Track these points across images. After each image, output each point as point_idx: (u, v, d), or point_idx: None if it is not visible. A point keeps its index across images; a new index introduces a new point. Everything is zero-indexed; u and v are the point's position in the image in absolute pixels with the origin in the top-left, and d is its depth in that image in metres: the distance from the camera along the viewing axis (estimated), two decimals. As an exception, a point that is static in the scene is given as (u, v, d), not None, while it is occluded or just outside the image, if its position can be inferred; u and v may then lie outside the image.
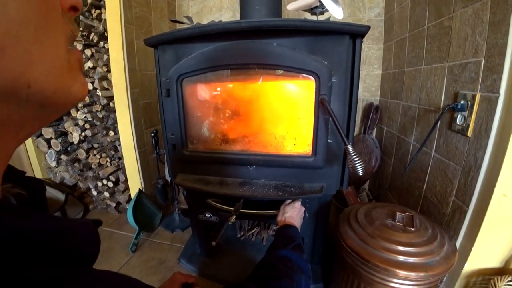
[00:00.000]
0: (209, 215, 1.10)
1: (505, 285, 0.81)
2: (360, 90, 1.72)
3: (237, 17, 1.77)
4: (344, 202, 1.50)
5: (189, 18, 0.96)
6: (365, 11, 1.64)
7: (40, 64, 0.20)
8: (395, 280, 0.73)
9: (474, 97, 0.83)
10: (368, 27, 0.78)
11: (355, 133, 1.77)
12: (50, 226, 0.21)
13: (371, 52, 1.68)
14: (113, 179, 1.64)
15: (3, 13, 0.17)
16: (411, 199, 1.23)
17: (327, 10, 1.00)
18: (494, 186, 0.76)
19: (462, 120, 0.88)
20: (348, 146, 0.71)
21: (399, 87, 1.40)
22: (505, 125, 0.73)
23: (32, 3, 0.18)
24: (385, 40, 1.63)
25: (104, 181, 1.65)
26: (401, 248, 0.74)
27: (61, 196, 1.58)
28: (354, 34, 0.79)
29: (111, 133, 1.66)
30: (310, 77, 0.80)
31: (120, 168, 1.69)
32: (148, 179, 1.66)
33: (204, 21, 1.82)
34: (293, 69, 0.79)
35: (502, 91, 0.74)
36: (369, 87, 1.72)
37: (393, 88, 1.49)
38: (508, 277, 0.81)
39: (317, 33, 0.78)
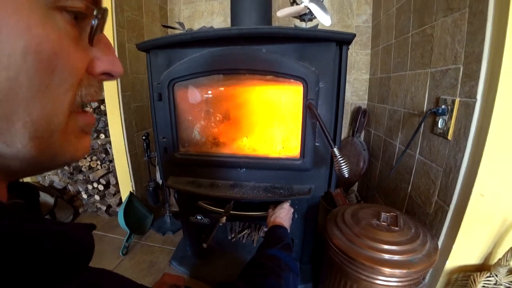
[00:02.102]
0: (200, 217, 1.11)
1: (484, 280, 0.85)
2: (348, 94, 1.77)
3: (228, 21, 1.80)
4: (334, 203, 1.53)
5: (181, 24, 0.98)
6: (353, 18, 1.69)
7: (22, 129, 0.20)
8: (380, 277, 0.77)
9: (453, 102, 0.87)
10: (354, 35, 0.81)
11: (344, 136, 1.82)
12: (46, 230, 0.21)
13: (359, 57, 1.73)
14: (104, 182, 1.63)
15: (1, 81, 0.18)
16: (397, 199, 1.27)
17: (315, 17, 1.03)
18: (472, 186, 0.80)
19: (443, 124, 0.93)
20: (334, 149, 0.74)
21: (386, 91, 1.45)
22: (482, 128, 0.77)
23: (30, 67, 0.19)
24: (372, 46, 1.68)
25: (95, 184, 1.64)
26: (385, 246, 0.78)
27: (50, 200, 1.57)
28: (341, 41, 0.82)
29: (102, 136, 1.65)
30: (298, 82, 0.83)
31: (111, 171, 1.68)
32: (139, 182, 1.66)
33: (196, 25, 1.84)
34: (281, 75, 0.81)
35: (479, 96, 0.78)
36: (357, 91, 1.77)
37: (380, 92, 1.54)
38: (486, 273, 0.85)
39: (305, 40, 0.81)
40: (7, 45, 0.18)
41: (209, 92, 0.97)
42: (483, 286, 0.86)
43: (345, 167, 0.72)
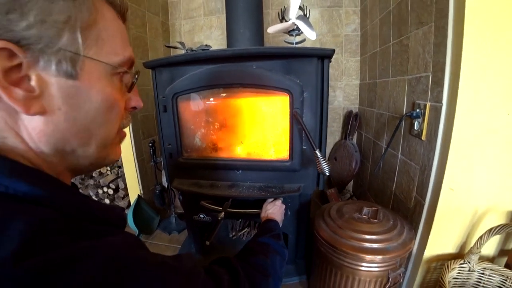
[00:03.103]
0: (202, 216, 1.22)
1: (458, 267, 0.94)
2: (340, 99, 1.89)
3: (225, 35, 1.92)
4: (328, 202, 1.63)
5: (182, 44, 1.10)
6: (342, 27, 1.81)
7: (95, 143, 0.34)
8: (361, 263, 0.87)
9: (425, 106, 0.98)
10: (333, 51, 0.93)
11: (337, 139, 1.92)
12: (98, 204, 0.34)
13: (350, 64, 1.84)
14: (113, 187, 1.76)
15: (87, 117, 0.32)
16: (384, 197, 1.37)
17: (302, 32, 1.15)
18: (442, 181, 0.90)
19: (418, 126, 1.03)
20: (316, 151, 0.85)
21: (373, 96, 1.56)
22: (447, 129, 0.87)
23: (107, 113, 0.34)
24: (361, 53, 1.79)
25: (105, 189, 1.76)
26: (365, 236, 0.88)
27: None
28: (322, 56, 0.94)
29: (111, 144, 1.78)
30: (285, 93, 0.94)
31: (120, 176, 1.81)
32: (146, 186, 1.78)
33: (196, 39, 1.98)
34: (269, 87, 0.93)
35: (444, 101, 0.88)
36: (349, 96, 1.87)
37: (369, 97, 1.65)
38: (460, 261, 0.94)
39: (290, 56, 0.92)
40: (93, 98, 0.32)
41: (208, 104, 1.09)
42: (458, 273, 0.95)
43: (326, 167, 0.83)
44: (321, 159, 0.83)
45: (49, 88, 0.28)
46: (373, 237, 0.87)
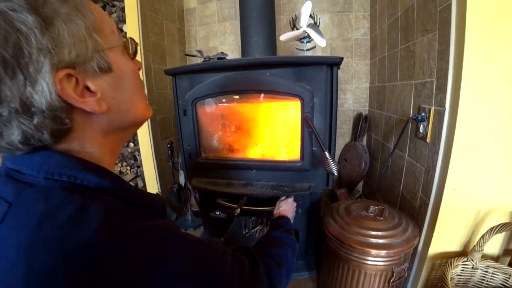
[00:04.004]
0: (218, 213, 1.30)
1: (461, 264, 0.99)
2: (350, 101, 1.94)
3: (238, 40, 2.01)
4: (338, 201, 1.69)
5: (200, 52, 1.19)
6: (352, 32, 1.86)
7: (139, 107, 0.43)
8: (367, 257, 0.93)
9: (430, 110, 1.03)
10: (341, 59, 0.99)
11: (348, 141, 1.98)
12: (142, 192, 0.42)
13: (359, 67, 1.89)
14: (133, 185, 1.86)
15: (129, 92, 0.41)
16: (392, 197, 1.42)
17: (312, 39, 1.22)
18: (445, 182, 0.95)
19: (424, 129, 1.08)
20: (325, 152, 0.91)
21: (382, 99, 1.60)
22: (450, 132, 0.92)
23: (135, 81, 0.42)
24: (371, 57, 1.84)
25: (126, 187, 1.87)
26: (371, 232, 0.94)
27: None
28: (331, 64, 1.01)
29: (131, 144, 1.89)
30: (296, 98, 1.01)
31: (139, 175, 1.92)
32: (164, 184, 1.88)
33: (210, 44, 2.07)
34: (282, 93, 1.00)
35: (447, 106, 0.93)
36: (358, 99, 1.92)
37: (378, 99, 1.69)
38: (463, 258, 0.98)
39: (301, 65, 1.00)
40: (126, 76, 0.40)
41: (224, 107, 1.17)
42: (462, 270, 1.00)
43: (334, 167, 0.90)
44: (330, 160, 0.90)
45: (102, 86, 0.37)
46: (379, 233, 0.93)
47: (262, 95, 1.10)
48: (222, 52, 1.22)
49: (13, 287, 0.29)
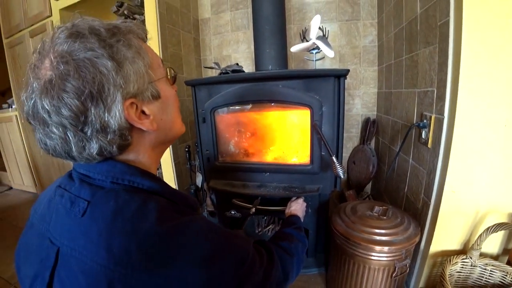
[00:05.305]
0: (233, 212, 1.41)
1: (461, 262, 1.05)
2: (359, 106, 2.01)
3: (251, 49, 2.12)
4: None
5: (217, 64, 1.30)
6: (360, 39, 1.93)
7: (177, 127, 0.54)
8: (371, 253, 1.01)
9: (431, 117, 1.10)
10: (347, 71, 1.08)
11: (356, 144, 2.05)
12: (179, 192, 0.52)
13: (367, 73, 1.96)
14: (153, 186, 1.99)
15: (172, 114, 0.52)
16: (398, 198, 1.49)
17: (321, 50, 1.31)
18: (444, 184, 1.02)
19: (425, 135, 1.15)
20: (333, 157, 1.01)
21: (389, 104, 1.68)
22: (448, 139, 1.00)
23: (176, 104, 0.54)
24: (378, 63, 1.90)
25: (146, 188, 2.00)
26: (375, 230, 1.03)
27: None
28: (338, 75, 1.10)
29: (151, 148, 2.02)
30: (306, 108, 1.11)
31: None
32: (181, 185, 2.00)
33: (224, 52, 2.18)
34: (293, 103, 1.10)
35: (446, 114, 1.01)
36: (366, 104, 1.99)
37: (385, 105, 1.77)
38: (462, 256, 1.05)
39: (310, 77, 1.09)
40: (169, 102, 0.51)
41: (240, 116, 1.28)
42: (462, 267, 1.07)
43: (340, 170, 0.99)
44: (337, 164, 0.99)
45: (153, 110, 0.48)
46: (382, 231, 1.01)
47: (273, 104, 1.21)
48: (237, 64, 1.33)
49: (98, 262, 0.40)
